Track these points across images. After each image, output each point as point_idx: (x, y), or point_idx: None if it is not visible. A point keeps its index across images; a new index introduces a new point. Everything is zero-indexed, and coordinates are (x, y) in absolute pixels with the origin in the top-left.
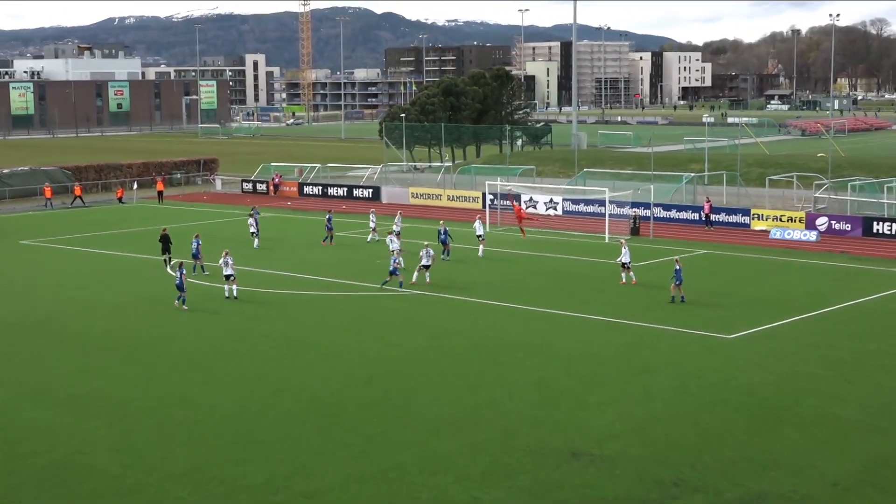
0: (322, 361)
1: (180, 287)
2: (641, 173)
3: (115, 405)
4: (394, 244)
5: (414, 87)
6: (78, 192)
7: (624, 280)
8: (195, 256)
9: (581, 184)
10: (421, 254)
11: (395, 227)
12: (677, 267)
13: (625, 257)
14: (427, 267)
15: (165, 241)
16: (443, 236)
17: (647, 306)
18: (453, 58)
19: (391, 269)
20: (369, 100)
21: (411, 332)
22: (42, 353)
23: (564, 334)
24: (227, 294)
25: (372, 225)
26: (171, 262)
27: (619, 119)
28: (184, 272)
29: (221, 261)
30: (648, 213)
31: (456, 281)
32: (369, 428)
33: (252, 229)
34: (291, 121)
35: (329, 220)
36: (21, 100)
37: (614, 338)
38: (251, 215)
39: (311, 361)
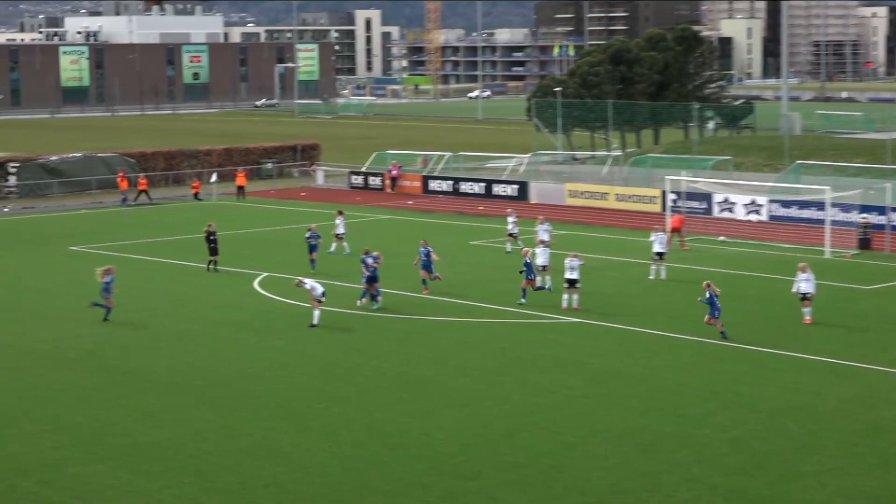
0: (449, 409)
1: (371, 279)
2: (875, 167)
3: (184, 459)
4: (541, 257)
5: (572, 53)
6: (143, 185)
7: (653, 276)
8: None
9: (793, 181)
10: (567, 263)
11: (543, 235)
12: (708, 293)
13: (658, 246)
14: (573, 283)
15: (212, 242)
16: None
17: (886, 344)
18: (625, 14)
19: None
20: (514, 69)
21: (566, 372)
22: (92, 392)
23: (769, 379)
24: (315, 321)
25: (511, 229)
26: (213, 267)
27: (843, 95)
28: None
29: (309, 283)
30: (884, 220)
31: (627, 307)
32: (511, 497)
33: (340, 230)
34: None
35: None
36: (74, 68)
37: (837, 385)
38: (339, 213)
39: (436, 408)
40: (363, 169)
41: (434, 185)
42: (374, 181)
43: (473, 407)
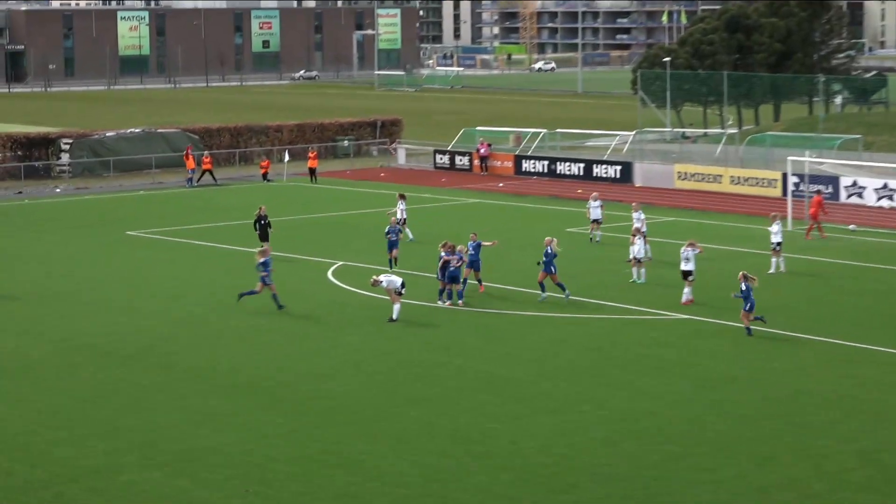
0: (541, 414)
1: (455, 278)
2: None
3: (248, 466)
4: (637, 247)
5: (684, 20)
6: (208, 164)
7: (773, 269)
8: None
9: None
10: (682, 253)
11: (637, 224)
12: (743, 285)
13: (776, 236)
14: (687, 274)
15: (262, 226)
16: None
17: None
18: None
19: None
20: (618, 37)
21: (671, 375)
22: (148, 393)
23: None
24: (394, 315)
25: (594, 215)
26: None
27: None
28: (462, 257)
29: (385, 279)
30: None
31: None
32: None
33: (402, 215)
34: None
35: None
36: (132, 35)
37: None
38: (401, 197)
39: (526, 413)
40: (449, 147)
41: (527, 165)
42: (462, 161)
43: (568, 412)
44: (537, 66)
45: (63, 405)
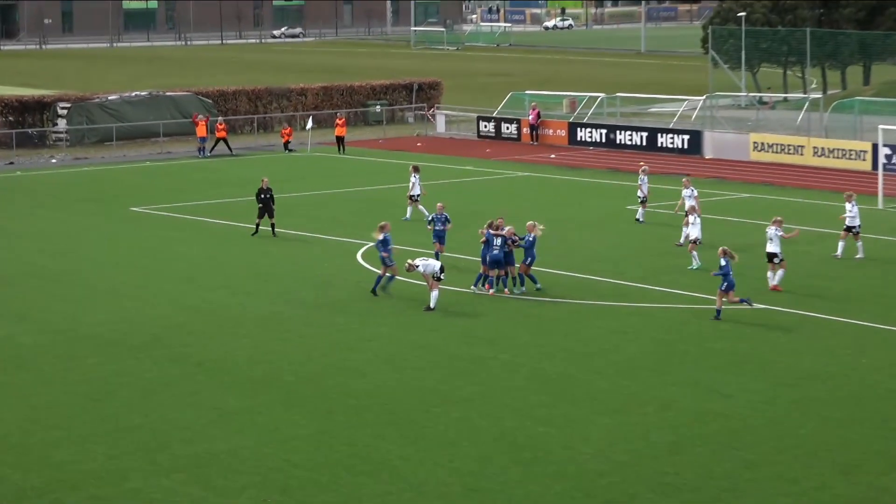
0: (599, 416)
1: (497, 262)
2: None
3: (268, 472)
4: (693, 227)
5: None
6: (222, 131)
7: (861, 254)
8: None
9: None
10: (768, 232)
11: (691, 201)
12: (722, 261)
13: (853, 218)
14: (772, 257)
15: (265, 200)
16: (527, 243)
17: None
18: None
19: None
20: None
21: (746, 372)
22: (157, 388)
23: None
24: (432, 304)
25: (641, 193)
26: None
27: None
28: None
29: (422, 263)
30: None
31: (824, 290)
32: None
33: (415, 191)
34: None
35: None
36: None
37: None
38: (415, 169)
39: (582, 415)
40: (495, 114)
41: (583, 134)
42: (509, 129)
43: (629, 414)
44: (551, 23)
45: (62, 402)
